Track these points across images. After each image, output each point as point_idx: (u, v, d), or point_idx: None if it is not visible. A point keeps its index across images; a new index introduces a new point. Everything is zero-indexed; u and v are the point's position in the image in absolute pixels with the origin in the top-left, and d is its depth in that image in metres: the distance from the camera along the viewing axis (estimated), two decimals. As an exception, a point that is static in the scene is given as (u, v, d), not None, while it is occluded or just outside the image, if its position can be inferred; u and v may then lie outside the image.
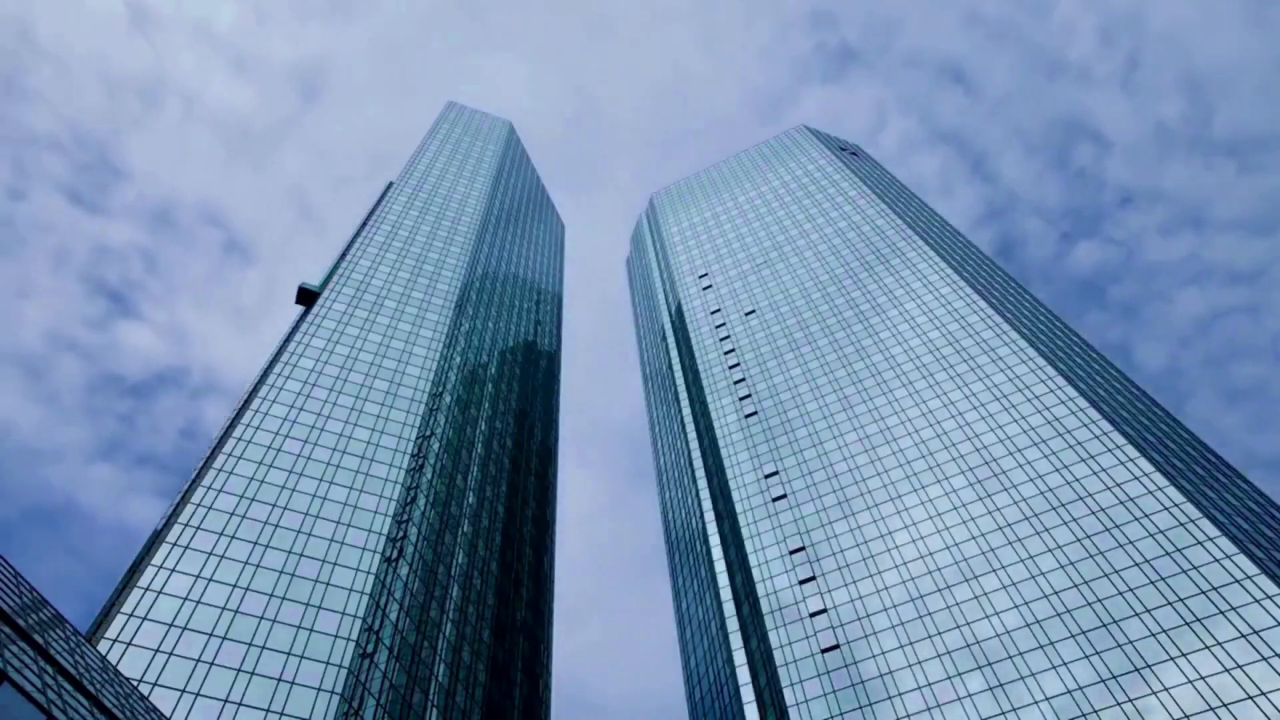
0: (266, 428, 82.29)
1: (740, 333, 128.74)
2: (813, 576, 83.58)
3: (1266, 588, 63.92)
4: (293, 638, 63.06)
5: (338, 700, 59.52)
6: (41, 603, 34.47)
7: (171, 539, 67.16)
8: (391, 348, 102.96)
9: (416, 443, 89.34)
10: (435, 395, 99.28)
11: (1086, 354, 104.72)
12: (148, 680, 55.83)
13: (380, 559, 72.99)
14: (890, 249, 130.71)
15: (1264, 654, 60.03)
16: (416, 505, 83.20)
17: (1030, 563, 74.75)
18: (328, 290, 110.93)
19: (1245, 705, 57.64)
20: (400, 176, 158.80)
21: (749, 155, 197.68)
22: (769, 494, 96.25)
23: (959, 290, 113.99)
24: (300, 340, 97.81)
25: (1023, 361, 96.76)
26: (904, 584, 78.56)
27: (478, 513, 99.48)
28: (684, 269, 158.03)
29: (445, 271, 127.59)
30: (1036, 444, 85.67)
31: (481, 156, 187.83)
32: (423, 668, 71.76)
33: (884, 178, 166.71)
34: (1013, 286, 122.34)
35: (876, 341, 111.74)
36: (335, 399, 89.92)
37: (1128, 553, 71.34)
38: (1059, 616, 69.37)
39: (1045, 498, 79.84)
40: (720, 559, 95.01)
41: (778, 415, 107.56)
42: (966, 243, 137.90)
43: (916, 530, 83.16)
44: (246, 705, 57.16)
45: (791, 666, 75.88)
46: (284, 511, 73.92)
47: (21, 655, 25.72)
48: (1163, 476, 76.34)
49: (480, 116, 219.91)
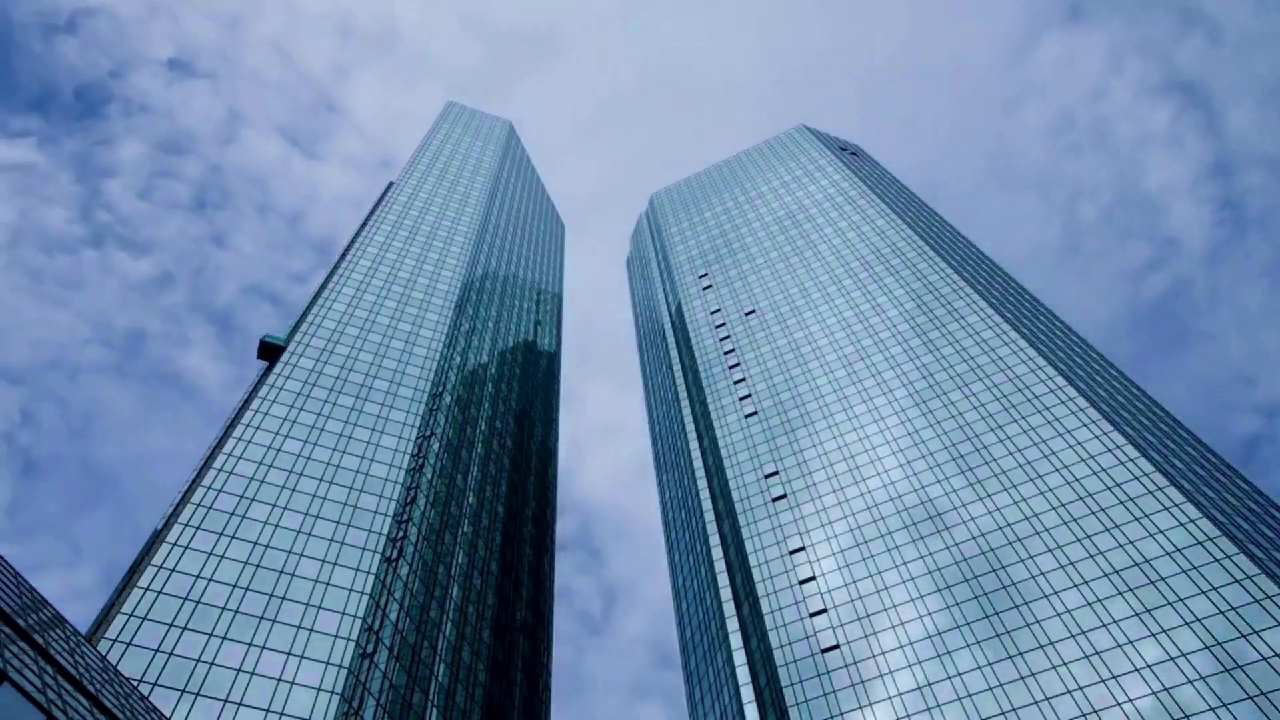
0: (266, 428, 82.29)
1: (740, 333, 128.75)
2: (813, 576, 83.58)
3: (1266, 587, 63.93)
4: (293, 638, 63.07)
5: (338, 700, 59.53)
6: (41, 603, 34.48)
7: (171, 539, 67.18)
8: (391, 348, 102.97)
9: (416, 443, 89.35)
10: (435, 395, 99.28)
11: (1086, 353, 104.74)
12: (148, 680, 55.84)
13: (380, 559, 73.00)
14: (890, 249, 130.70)
15: (1263, 654, 60.05)
16: (416, 505, 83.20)
17: (1030, 563, 74.75)
18: (328, 290, 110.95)
19: (1245, 705, 57.66)
20: (400, 176, 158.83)
21: (749, 155, 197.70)
22: (769, 494, 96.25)
23: (959, 290, 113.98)
24: (300, 340, 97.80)
25: (1022, 362, 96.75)
26: (904, 584, 78.57)
27: (478, 513, 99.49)
28: (684, 269, 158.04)
29: (445, 271, 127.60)
30: (1036, 444, 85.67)
31: (482, 156, 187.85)
32: (423, 668, 71.78)
33: (884, 178, 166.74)
34: (1013, 286, 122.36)
35: (876, 341, 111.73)
36: (335, 399, 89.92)
37: (1128, 553, 71.35)
38: (1058, 617, 69.38)
39: (1045, 498, 79.84)
40: (720, 559, 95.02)
41: (778, 415, 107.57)
42: (966, 243, 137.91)
43: (917, 530, 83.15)
44: (246, 705, 57.17)
45: (791, 666, 75.89)
46: (284, 511, 73.93)
47: (21, 655, 25.73)
48: (1163, 476, 76.36)
49: (480, 116, 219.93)
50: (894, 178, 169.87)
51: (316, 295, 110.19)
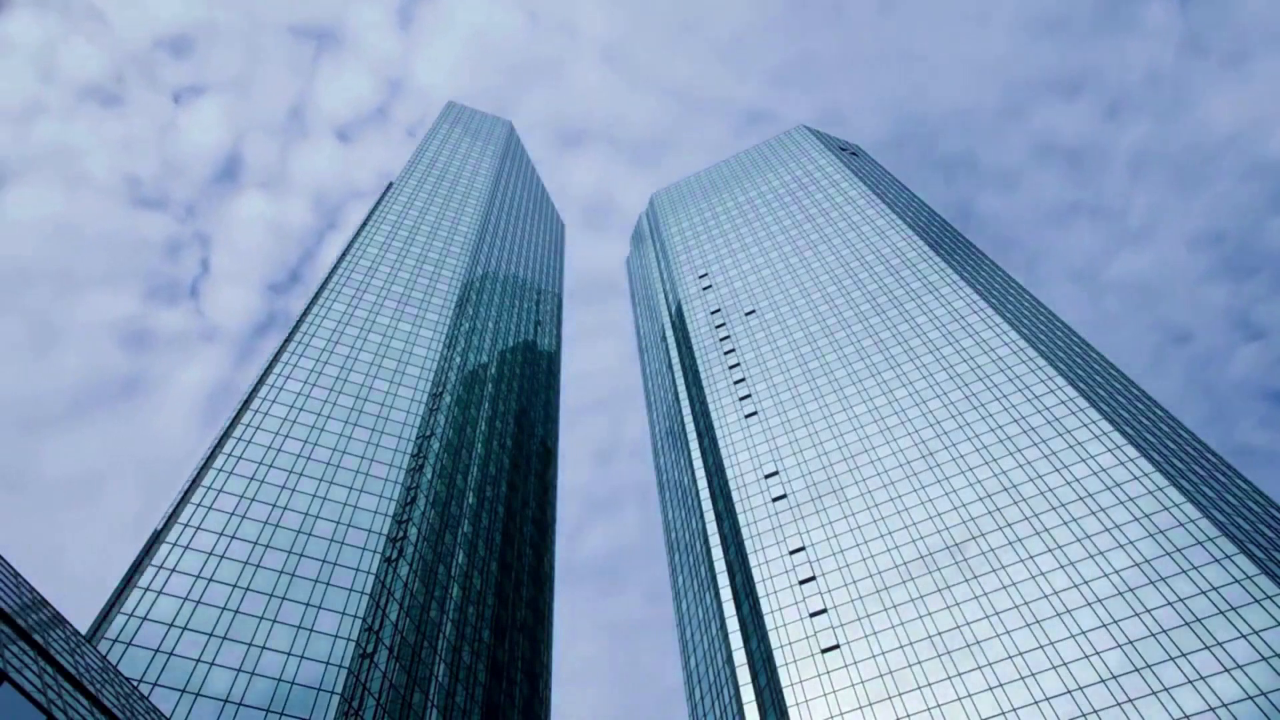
0: (266, 428, 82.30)
1: (740, 333, 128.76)
2: (813, 576, 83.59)
3: (1266, 588, 63.93)
4: (293, 638, 63.08)
5: (338, 700, 59.54)
6: (41, 603, 34.48)
7: (171, 539, 67.19)
8: (391, 348, 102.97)
9: (416, 443, 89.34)
10: (435, 395, 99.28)
11: (1086, 352, 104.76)
12: (148, 680, 55.84)
13: (380, 559, 73.01)
14: (890, 249, 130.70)
15: (1264, 654, 60.04)
16: (416, 505, 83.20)
17: (1030, 563, 74.75)
18: (328, 290, 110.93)
19: (1245, 705, 57.65)
20: (400, 177, 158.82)
21: (748, 155, 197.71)
22: (769, 494, 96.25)
23: (959, 290, 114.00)
24: (300, 340, 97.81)
25: (1022, 361, 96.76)
26: (904, 584, 78.57)
27: (478, 513, 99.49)
28: (684, 269, 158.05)
29: (445, 271, 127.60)
30: (1036, 444, 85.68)
31: (482, 156, 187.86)
32: (423, 668, 71.77)
33: (883, 178, 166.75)
34: (1013, 286, 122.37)
35: (877, 341, 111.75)
36: (335, 399, 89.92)
37: (1128, 553, 71.35)
38: (1059, 617, 69.37)
39: (1045, 498, 79.84)
40: (720, 559, 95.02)
41: (778, 415, 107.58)
42: (967, 243, 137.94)
43: (917, 530, 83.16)
44: (246, 705, 57.17)
45: (791, 666, 75.89)
46: (284, 511, 73.94)
47: (21, 655, 25.73)
48: (1163, 476, 76.36)
49: (480, 116, 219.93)
50: (893, 177, 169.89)
51: (316, 295, 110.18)
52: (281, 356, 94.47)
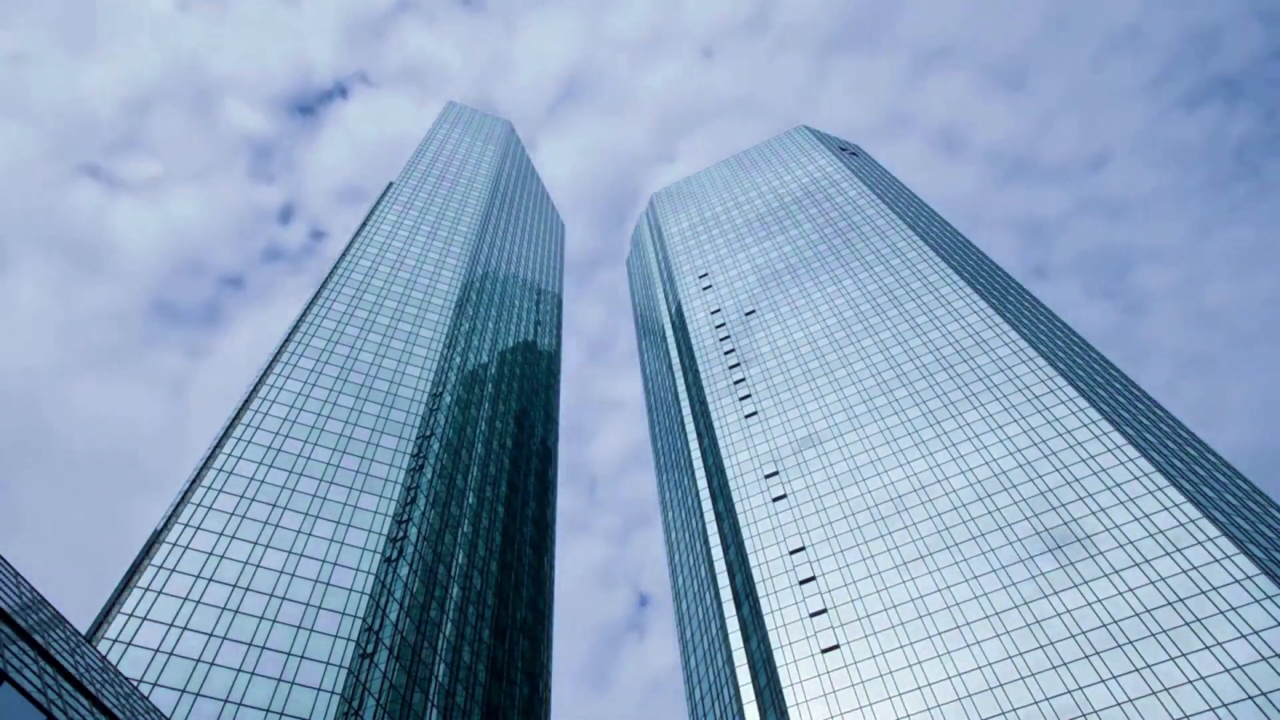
0: (266, 428, 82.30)
1: (740, 333, 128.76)
2: (813, 576, 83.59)
3: (1266, 588, 63.93)
4: (293, 638, 63.08)
5: (338, 700, 59.55)
6: (41, 603, 34.47)
7: (171, 539, 67.18)
8: (391, 348, 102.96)
9: (416, 443, 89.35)
10: (435, 395, 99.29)
11: (1085, 352, 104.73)
12: (148, 680, 55.84)
13: (380, 559, 73.01)
14: (890, 249, 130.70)
15: (1264, 654, 60.04)
16: (416, 505, 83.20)
17: (1030, 563, 74.75)
18: (328, 290, 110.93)
19: (1245, 705, 57.65)
20: (400, 177, 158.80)
21: (748, 155, 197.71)
22: (769, 494, 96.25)
23: (959, 290, 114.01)
24: (300, 340, 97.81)
25: (1022, 361, 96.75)
26: (904, 584, 78.56)
27: (478, 513, 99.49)
28: (684, 269, 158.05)
29: (445, 271, 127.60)
30: (1036, 444, 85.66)
31: (481, 156, 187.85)
32: (423, 668, 71.77)
33: (883, 178, 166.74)
34: (1013, 285, 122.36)
35: (877, 341, 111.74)
36: (335, 399, 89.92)
37: (1128, 553, 71.34)
38: (1059, 617, 69.37)
39: (1045, 498, 79.84)
40: (720, 559, 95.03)
41: (778, 415, 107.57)
42: (966, 242, 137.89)
43: (917, 530, 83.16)
44: (246, 705, 57.17)
45: (791, 666, 75.89)
46: (284, 511, 73.94)
47: (21, 655, 25.73)
48: (1163, 476, 76.35)
49: (480, 116, 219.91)
50: (893, 177, 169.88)
51: (316, 295, 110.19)
52: (281, 356, 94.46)
